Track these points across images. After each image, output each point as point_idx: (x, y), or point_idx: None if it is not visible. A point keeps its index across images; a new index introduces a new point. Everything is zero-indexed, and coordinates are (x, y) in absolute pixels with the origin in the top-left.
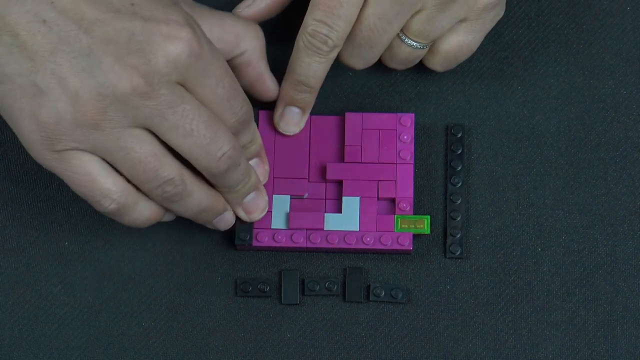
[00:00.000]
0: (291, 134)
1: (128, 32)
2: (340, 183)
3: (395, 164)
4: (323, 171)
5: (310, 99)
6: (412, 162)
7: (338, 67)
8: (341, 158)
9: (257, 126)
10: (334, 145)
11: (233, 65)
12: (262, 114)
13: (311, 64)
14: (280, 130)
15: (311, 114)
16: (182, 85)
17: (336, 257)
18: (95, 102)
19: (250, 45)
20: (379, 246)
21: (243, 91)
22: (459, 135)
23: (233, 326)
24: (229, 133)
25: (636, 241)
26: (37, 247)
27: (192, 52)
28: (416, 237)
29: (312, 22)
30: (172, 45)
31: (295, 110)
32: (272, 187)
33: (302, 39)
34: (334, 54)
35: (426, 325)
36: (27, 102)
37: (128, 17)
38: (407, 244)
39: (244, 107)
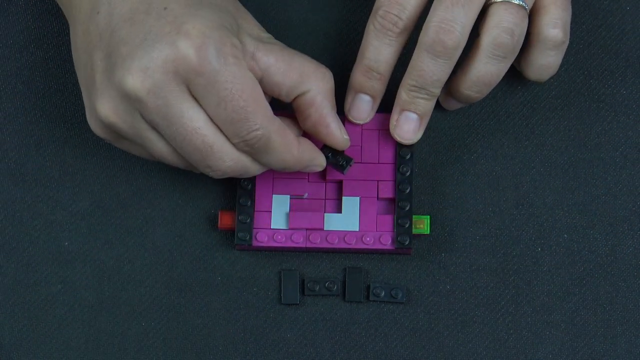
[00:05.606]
0: (361, 122)
1: (143, 36)
2: (340, 183)
3: (395, 164)
4: (323, 171)
5: (380, 86)
6: (412, 161)
7: (336, 66)
8: None
9: None
10: None
11: (296, 104)
12: None
13: (381, 48)
14: (350, 118)
15: None
16: (191, 95)
17: (336, 257)
18: (109, 102)
19: (315, 86)
20: (378, 246)
21: (263, 117)
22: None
23: (233, 326)
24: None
25: (636, 241)
26: (37, 247)
27: (190, 66)
28: (416, 237)
29: (384, 3)
30: (171, 54)
31: (366, 98)
32: (272, 187)
33: (373, 23)
34: (403, 38)
35: (426, 325)
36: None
37: (152, 21)
38: (406, 243)
39: (253, 133)
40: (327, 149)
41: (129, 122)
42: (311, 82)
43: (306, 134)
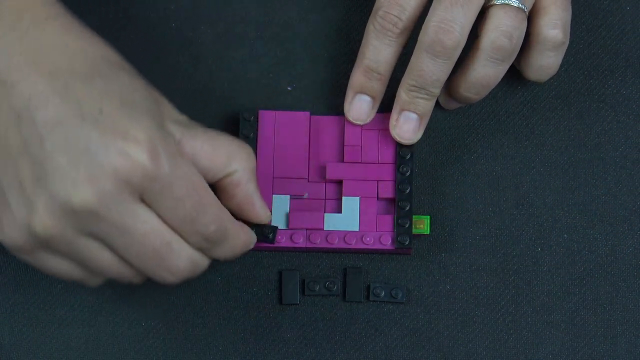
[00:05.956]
0: (361, 123)
1: (84, 145)
2: (340, 183)
3: (395, 164)
4: (323, 171)
5: (380, 87)
6: (412, 161)
7: (336, 66)
8: (341, 158)
9: (257, 126)
10: (334, 145)
11: (222, 185)
12: (262, 113)
13: (381, 48)
14: (350, 119)
15: (311, 113)
16: (142, 199)
17: (336, 257)
18: (48, 216)
19: (241, 166)
20: (378, 246)
21: (217, 208)
22: None
23: (233, 326)
24: (185, 254)
25: (636, 241)
26: None
27: (146, 173)
28: (416, 237)
29: (384, 4)
30: (124, 163)
31: (366, 98)
32: (272, 187)
33: (373, 23)
34: (403, 38)
35: (426, 325)
36: None
37: (89, 127)
38: (406, 243)
39: (213, 226)
40: (250, 223)
41: (70, 234)
42: (237, 162)
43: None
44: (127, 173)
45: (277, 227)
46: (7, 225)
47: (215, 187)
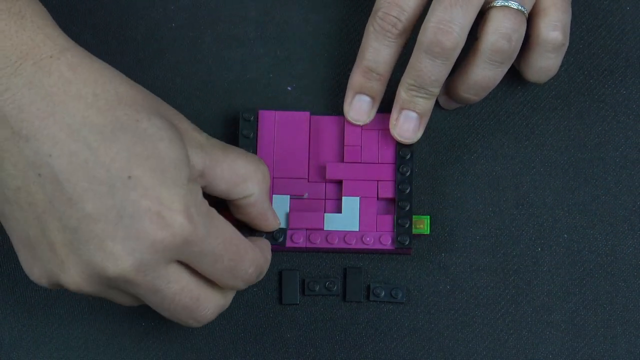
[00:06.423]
0: (361, 124)
1: (117, 213)
2: (340, 183)
3: (395, 164)
4: (323, 171)
5: (379, 87)
6: (412, 161)
7: (336, 66)
8: (341, 158)
9: (257, 126)
10: (334, 145)
11: (237, 204)
12: (262, 113)
13: (380, 49)
14: (350, 119)
15: (311, 113)
16: (177, 260)
17: (336, 257)
18: (80, 277)
19: (258, 189)
20: (378, 246)
21: (252, 252)
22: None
23: (233, 326)
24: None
25: (636, 241)
26: None
27: (184, 240)
28: (416, 237)
29: (384, 5)
30: (161, 233)
31: (366, 98)
32: (272, 187)
33: (373, 24)
34: (402, 39)
35: (426, 325)
36: (23, 248)
37: (120, 194)
38: (406, 243)
39: (251, 269)
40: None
41: (99, 291)
42: (254, 184)
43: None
44: (165, 242)
45: (285, 228)
46: (36, 273)
47: (230, 203)
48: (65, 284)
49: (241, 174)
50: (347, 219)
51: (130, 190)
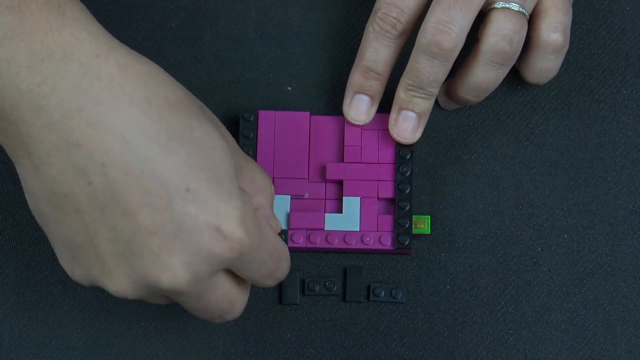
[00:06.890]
0: (360, 123)
1: (174, 227)
2: (340, 183)
3: (395, 164)
4: (323, 171)
5: (378, 87)
6: (412, 161)
7: (336, 66)
8: (341, 158)
9: (257, 126)
10: (334, 145)
11: None
12: (262, 113)
13: (379, 49)
14: (349, 119)
15: (311, 113)
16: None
17: (336, 257)
18: (128, 286)
19: (266, 201)
20: (378, 246)
21: (286, 251)
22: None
23: (233, 326)
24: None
25: (636, 241)
26: (37, 247)
27: (242, 251)
28: (416, 237)
29: (383, 6)
30: (220, 246)
31: (365, 98)
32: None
33: (372, 24)
34: (402, 40)
35: (426, 325)
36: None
37: (179, 209)
38: (406, 243)
39: (285, 270)
40: None
41: (146, 297)
42: (262, 196)
43: None
44: (223, 256)
45: (285, 229)
46: (78, 275)
47: None
48: (109, 289)
49: (256, 186)
50: (347, 219)
51: (188, 205)
